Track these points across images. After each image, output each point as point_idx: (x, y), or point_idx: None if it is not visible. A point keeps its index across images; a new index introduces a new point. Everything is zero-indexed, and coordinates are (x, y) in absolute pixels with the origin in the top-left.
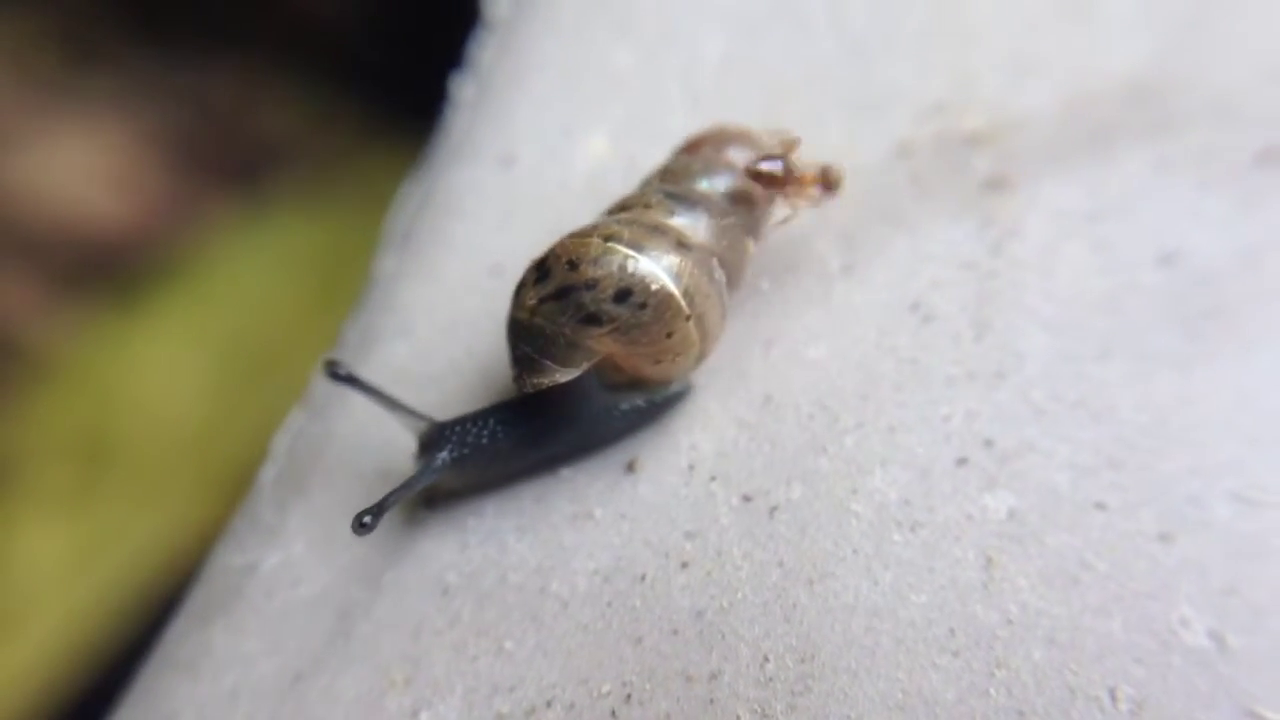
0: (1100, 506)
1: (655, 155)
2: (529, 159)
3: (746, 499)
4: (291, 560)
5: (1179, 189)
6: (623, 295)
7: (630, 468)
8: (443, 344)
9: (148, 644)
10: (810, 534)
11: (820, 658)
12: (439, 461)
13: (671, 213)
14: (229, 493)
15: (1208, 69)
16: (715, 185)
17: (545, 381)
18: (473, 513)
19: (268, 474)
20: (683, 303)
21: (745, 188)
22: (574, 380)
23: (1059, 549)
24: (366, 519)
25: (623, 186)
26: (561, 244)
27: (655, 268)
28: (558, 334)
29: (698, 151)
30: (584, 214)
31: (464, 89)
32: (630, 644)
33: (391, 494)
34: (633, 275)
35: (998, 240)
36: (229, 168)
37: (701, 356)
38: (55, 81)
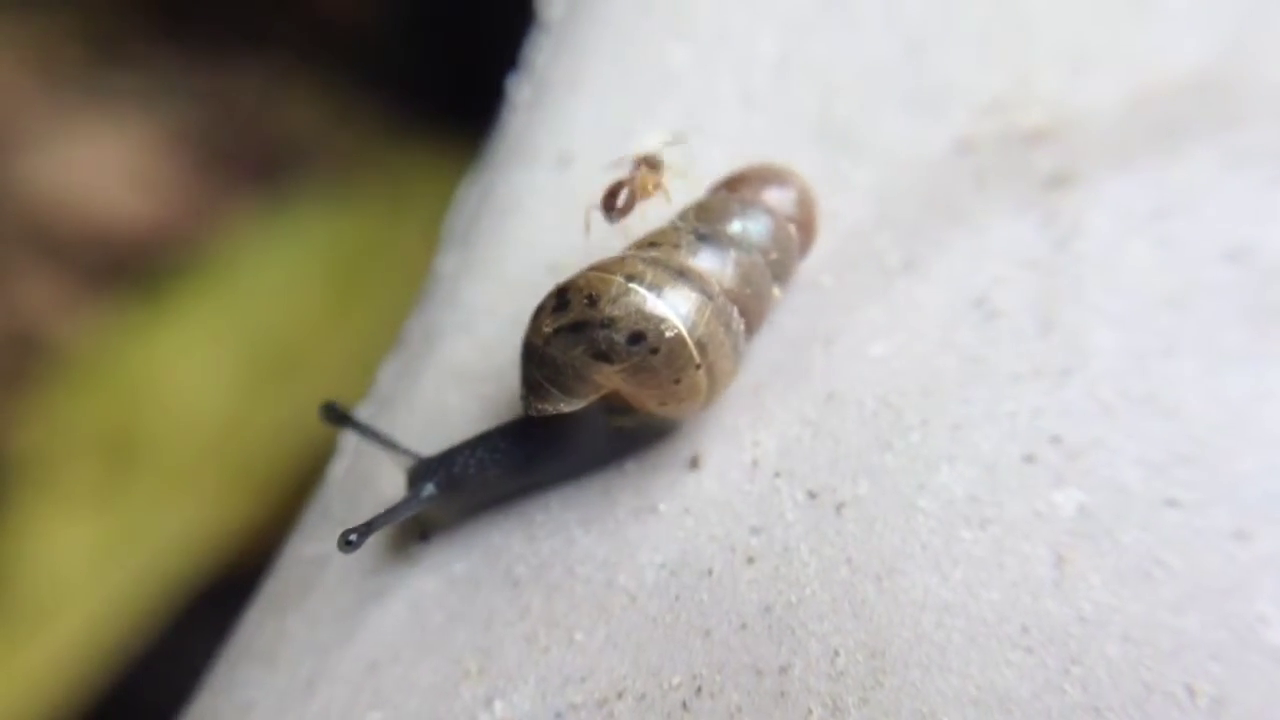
0: (1172, 503)
1: (712, 155)
2: (586, 159)
3: (812, 495)
4: (363, 552)
5: (1247, 184)
6: (636, 338)
7: (693, 463)
8: (504, 341)
9: (173, 640)
10: (878, 530)
11: (891, 653)
12: (424, 493)
13: (698, 255)
14: (254, 489)
15: (1274, 62)
16: (748, 229)
17: (549, 408)
18: (540, 507)
19: (338, 468)
20: (694, 352)
21: (780, 233)
22: (577, 410)
23: (1131, 546)
24: (352, 537)
25: (679, 185)
26: (585, 277)
27: (672, 314)
28: (567, 365)
29: (736, 190)
30: (641, 215)
31: (520, 90)
32: (699, 637)
33: (378, 517)
34: (648, 319)
35: (1061, 236)
36: (251, 165)
37: (708, 403)
38: (79, 80)
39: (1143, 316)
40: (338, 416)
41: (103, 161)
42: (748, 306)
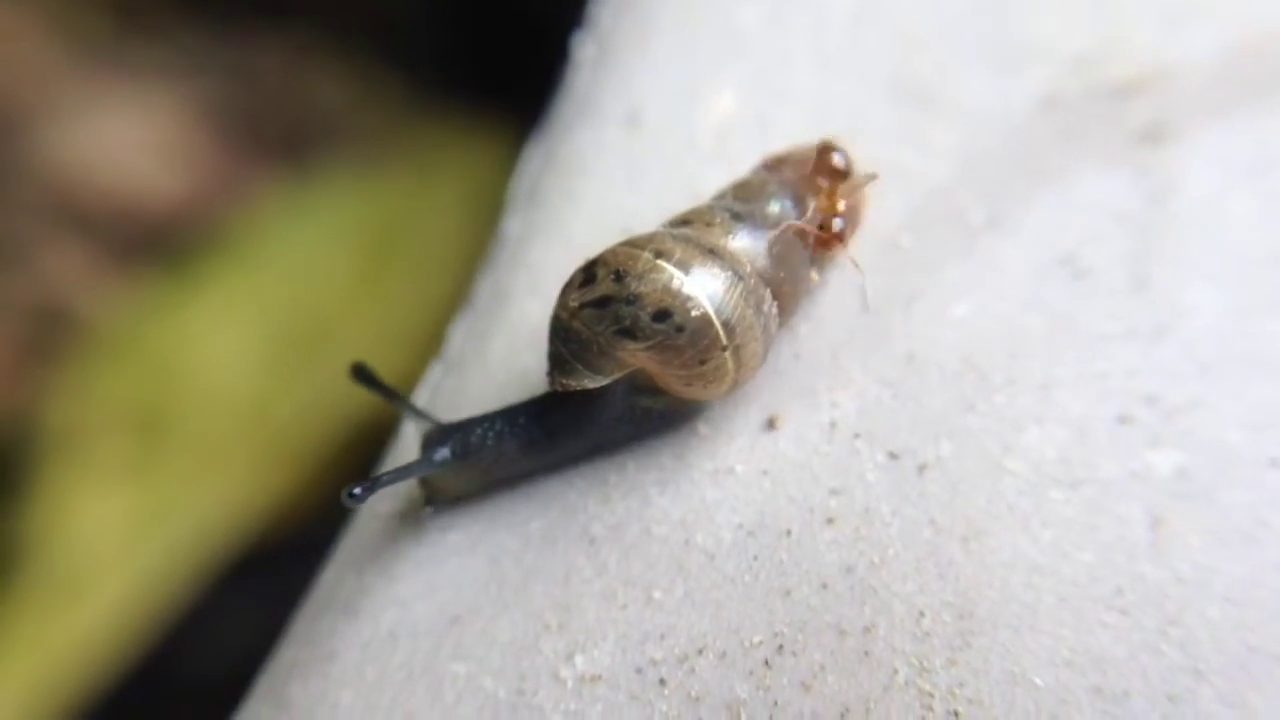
0: (1276, 464)
1: (784, 115)
2: (654, 118)
3: (893, 456)
4: (439, 508)
5: None
6: (662, 315)
7: (770, 425)
8: None
9: (205, 613)
10: (963, 491)
11: (979, 614)
12: (437, 456)
13: (732, 234)
14: (285, 463)
15: None
16: (787, 209)
17: (574, 384)
18: (614, 468)
19: (409, 427)
20: (721, 332)
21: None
22: (600, 387)
23: (1233, 507)
24: (356, 490)
25: (752, 146)
26: (613, 252)
27: (699, 292)
28: (593, 341)
29: (778, 170)
30: (712, 174)
31: (585, 48)
32: (779, 597)
33: (385, 474)
34: (675, 296)
35: (1155, 192)
36: (278, 140)
37: (736, 385)
38: (106, 53)
39: (1243, 273)
40: (365, 377)
41: (130, 135)
42: (782, 290)
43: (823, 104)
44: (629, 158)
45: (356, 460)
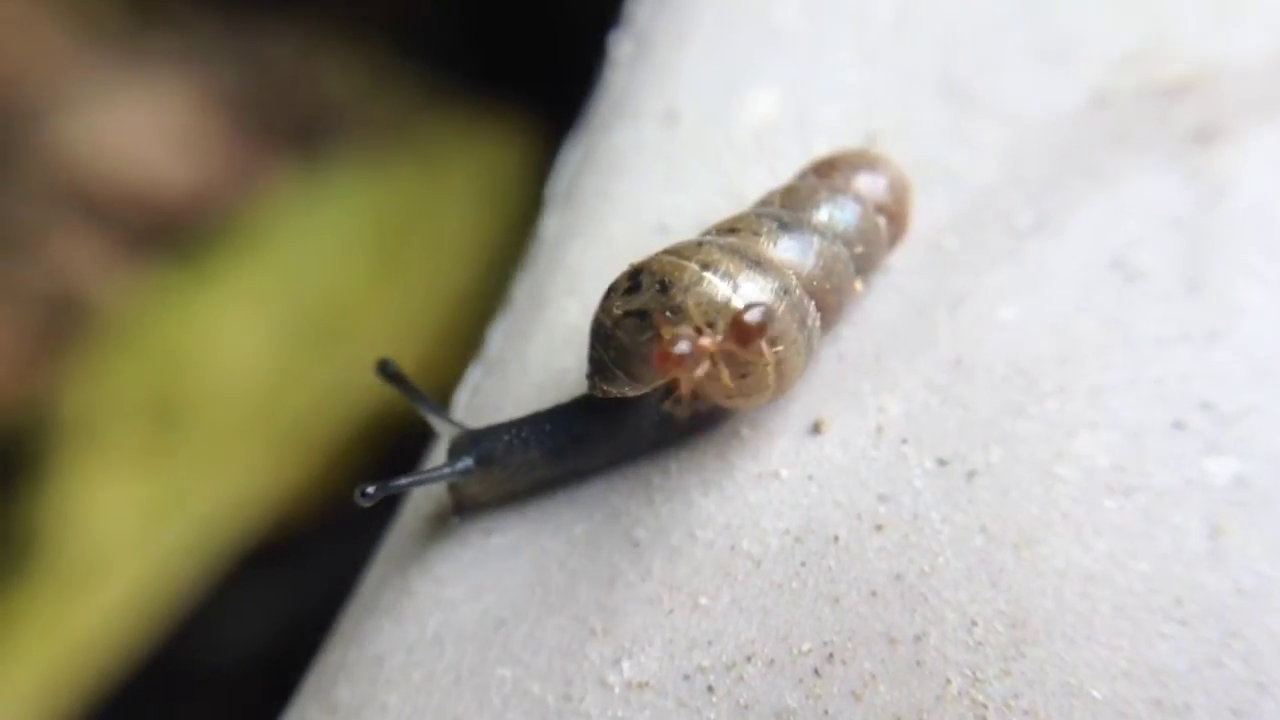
0: None
1: (826, 113)
2: (693, 116)
3: (941, 462)
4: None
5: None
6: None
7: (815, 428)
8: None
9: (219, 602)
10: (1013, 498)
11: (1032, 624)
12: (461, 465)
13: (778, 244)
14: (298, 454)
15: None
16: (835, 218)
17: (614, 391)
18: (658, 470)
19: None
20: (765, 346)
21: (868, 224)
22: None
23: None
24: (368, 490)
25: (792, 144)
26: (659, 260)
27: (743, 305)
28: (635, 349)
29: (826, 176)
30: (752, 172)
31: (621, 46)
32: (828, 604)
33: (404, 478)
34: (720, 310)
35: (1208, 194)
36: (290, 130)
37: (776, 396)
38: (118, 41)
39: None
40: (391, 375)
41: (142, 123)
42: (826, 301)
43: (865, 102)
44: (667, 156)
45: (370, 453)
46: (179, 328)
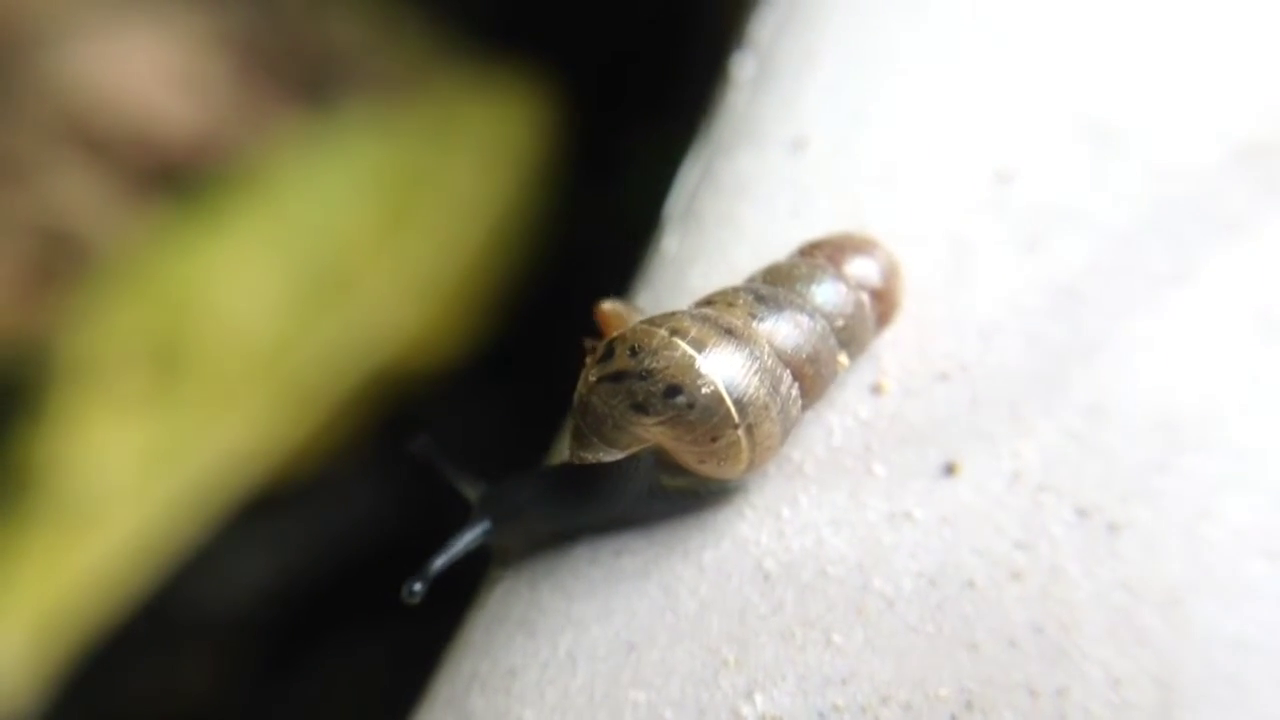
0: None
1: (954, 144)
2: (820, 144)
3: (1081, 514)
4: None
5: None
6: (673, 391)
7: (949, 470)
8: None
9: (217, 551)
10: (1157, 555)
11: (1180, 686)
12: (480, 528)
13: (753, 315)
14: (301, 406)
15: None
16: (814, 293)
17: (590, 457)
18: (787, 503)
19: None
20: (733, 411)
21: (850, 300)
22: (621, 460)
23: None
24: (416, 587)
25: (920, 174)
26: (631, 329)
27: (711, 369)
28: (608, 415)
29: (811, 255)
30: (880, 204)
31: (744, 68)
32: (965, 650)
33: (437, 560)
34: (686, 373)
35: None
36: (298, 77)
37: (753, 466)
38: None
39: None
40: (423, 454)
41: (147, 60)
42: (803, 371)
43: (997, 135)
44: (794, 183)
45: (371, 407)
46: (183, 272)
